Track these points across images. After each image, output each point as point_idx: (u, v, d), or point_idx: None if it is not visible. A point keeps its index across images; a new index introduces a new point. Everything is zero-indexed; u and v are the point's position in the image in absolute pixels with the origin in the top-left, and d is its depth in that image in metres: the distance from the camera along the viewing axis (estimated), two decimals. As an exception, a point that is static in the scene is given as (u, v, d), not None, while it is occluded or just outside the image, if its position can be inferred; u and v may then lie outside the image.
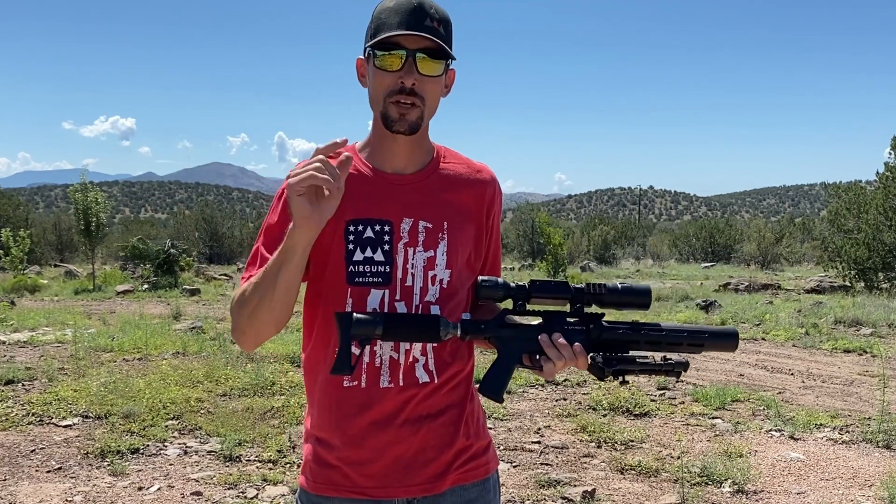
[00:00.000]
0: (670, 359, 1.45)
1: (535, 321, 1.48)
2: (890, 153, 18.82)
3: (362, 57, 1.54)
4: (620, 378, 1.45)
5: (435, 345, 1.51)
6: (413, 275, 1.50)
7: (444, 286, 1.52)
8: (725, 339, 1.48)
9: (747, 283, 17.99)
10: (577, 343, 1.44)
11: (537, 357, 1.46)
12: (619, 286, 1.47)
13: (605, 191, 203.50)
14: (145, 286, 18.80)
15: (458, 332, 1.45)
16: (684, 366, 1.44)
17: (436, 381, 1.52)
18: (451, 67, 1.53)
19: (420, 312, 1.50)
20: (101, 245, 23.42)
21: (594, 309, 1.50)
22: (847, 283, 18.33)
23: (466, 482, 1.56)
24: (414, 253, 1.50)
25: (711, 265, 31.20)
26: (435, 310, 1.51)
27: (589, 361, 1.44)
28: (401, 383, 1.49)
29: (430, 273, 1.51)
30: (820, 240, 23.53)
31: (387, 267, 1.49)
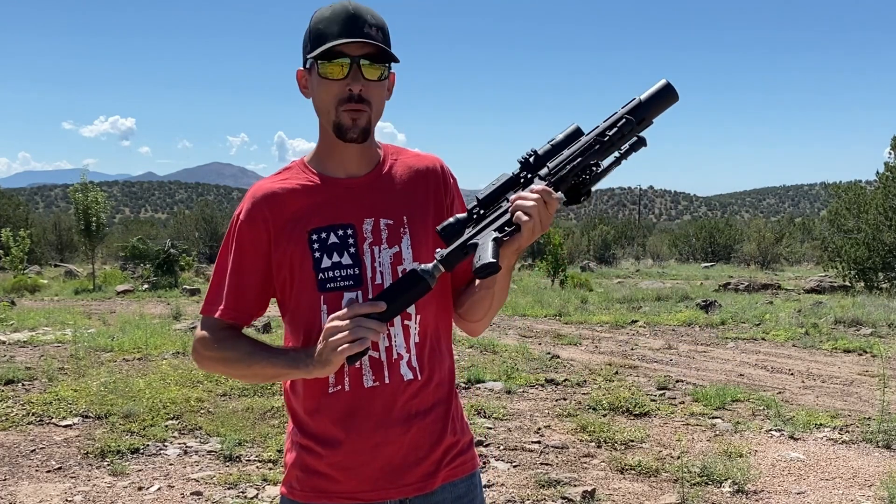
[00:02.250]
0: (624, 144, 1.39)
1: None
2: (890, 153, 18.82)
3: (302, 69, 1.56)
4: (592, 185, 1.40)
5: (417, 341, 1.52)
6: (381, 273, 1.52)
7: None
8: (662, 96, 1.38)
9: (747, 283, 17.99)
10: (536, 185, 1.39)
11: (512, 224, 1.40)
12: (547, 143, 1.43)
13: (605, 191, 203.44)
14: (145, 286, 18.81)
15: (441, 268, 1.44)
16: (641, 141, 1.37)
17: (419, 378, 1.52)
18: (390, 71, 1.55)
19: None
20: (101, 245, 23.43)
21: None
22: (847, 283, 18.32)
23: (456, 478, 1.57)
24: (380, 251, 1.52)
25: (711, 265, 31.21)
26: None
27: (561, 197, 1.39)
28: (386, 381, 1.50)
29: (399, 268, 1.52)
30: (820, 240, 23.53)
31: (356, 269, 1.51)
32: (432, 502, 1.55)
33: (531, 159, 1.43)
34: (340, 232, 1.52)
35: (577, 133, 1.43)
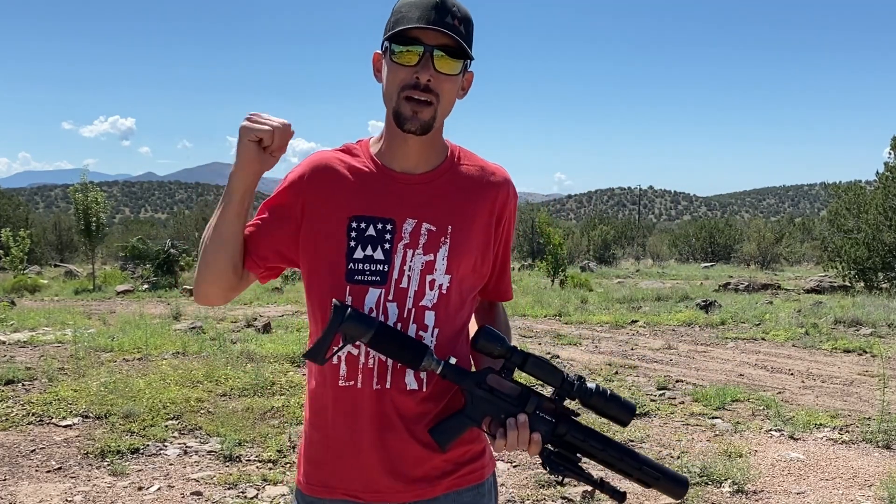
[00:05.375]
0: (610, 484, 1.52)
1: (513, 390, 1.48)
2: (890, 153, 18.83)
3: (380, 51, 1.50)
4: (560, 477, 1.51)
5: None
6: (409, 277, 1.47)
7: (444, 291, 1.49)
8: (674, 485, 1.51)
9: (747, 283, 17.98)
10: (536, 433, 1.45)
11: (496, 427, 1.46)
12: (608, 392, 1.47)
13: (605, 191, 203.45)
14: (145, 286, 18.81)
15: (438, 370, 1.43)
16: (620, 496, 1.51)
17: (424, 390, 1.49)
18: (469, 70, 1.49)
19: (414, 316, 1.48)
20: (101, 245, 23.42)
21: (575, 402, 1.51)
22: (847, 283, 18.32)
23: (460, 487, 1.54)
24: (413, 255, 1.48)
25: (711, 265, 31.20)
26: (430, 315, 1.48)
27: (539, 450, 1.46)
28: (387, 385, 1.47)
29: (429, 277, 1.48)
30: (820, 240, 23.55)
31: (385, 266, 1.47)
32: None
33: (582, 392, 1.46)
34: (380, 226, 1.48)
35: (630, 414, 1.52)
